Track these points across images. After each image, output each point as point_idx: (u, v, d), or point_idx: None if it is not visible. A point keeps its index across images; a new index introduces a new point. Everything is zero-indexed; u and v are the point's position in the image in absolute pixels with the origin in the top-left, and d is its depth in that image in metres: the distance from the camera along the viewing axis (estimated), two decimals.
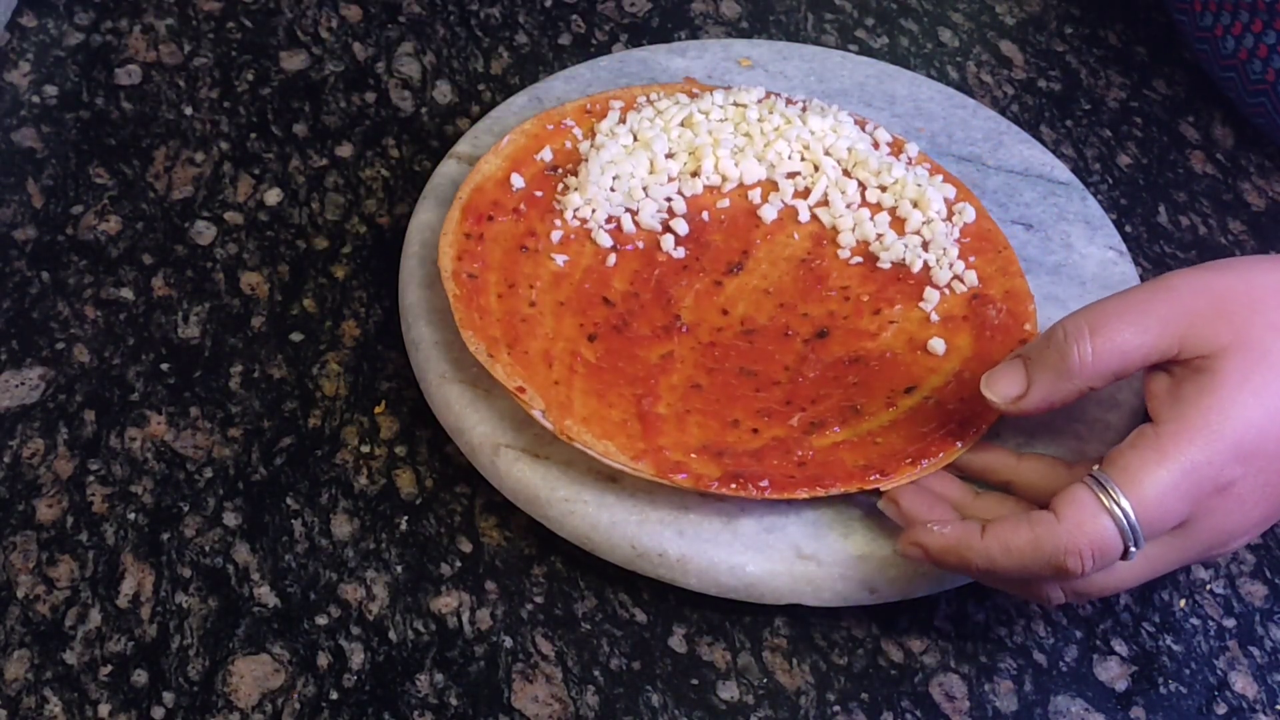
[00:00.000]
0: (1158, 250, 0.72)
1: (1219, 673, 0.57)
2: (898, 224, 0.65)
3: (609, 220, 0.65)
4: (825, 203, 0.66)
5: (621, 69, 0.73)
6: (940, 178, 0.67)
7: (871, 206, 0.66)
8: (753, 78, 0.73)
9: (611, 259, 0.64)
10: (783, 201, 0.66)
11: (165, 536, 0.58)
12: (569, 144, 0.67)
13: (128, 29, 0.77)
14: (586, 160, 0.66)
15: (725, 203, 0.66)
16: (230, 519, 0.58)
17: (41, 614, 0.55)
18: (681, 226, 0.65)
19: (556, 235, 0.64)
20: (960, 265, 0.63)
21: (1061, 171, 0.71)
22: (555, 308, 0.61)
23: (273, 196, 0.70)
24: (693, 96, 0.69)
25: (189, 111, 0.73)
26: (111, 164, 0.71)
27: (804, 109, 0.68)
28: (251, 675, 0.54)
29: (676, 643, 0.56)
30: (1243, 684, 0.57)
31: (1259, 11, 0.72)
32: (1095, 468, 0.51)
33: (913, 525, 0.54)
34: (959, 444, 0.57)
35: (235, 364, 0.63)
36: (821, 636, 0.57)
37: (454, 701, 0.54)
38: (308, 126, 0.73)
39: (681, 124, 0.67)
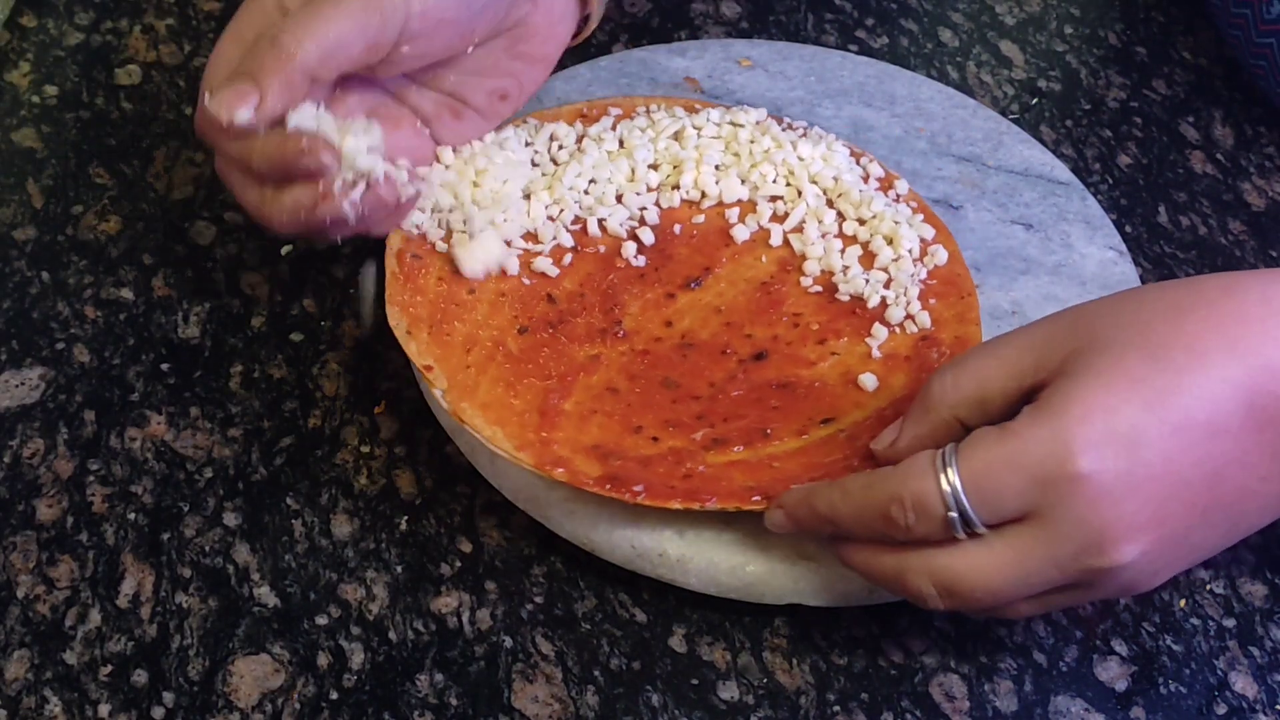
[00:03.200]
0: (1158, 250, 0.72)
1: (1219, 673, 0.57)
2: (868, 258, 0.64)
3: (575, 221, 0.65)
4: (800, 229, 0.65)
5: (621, 69, 0.73)
6: (921, 217, 0.66)
7: (846, 238, 0.65)
8: (753, 78, 0.73)
9: (567, 258, 0.63)
10: (758, 224, 0.65)
11: (165, 536, 0.58)
12: (559, 146, 0.67)
13: (128, 29, 0.77)
14: (567, 162, 0.66)
15: (700, 218, 0.66)
16: (230, 519, 0.58)
17: (41, 614, 0.55)
18: (648, 236, 0.64)
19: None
20: (917, 306, 0.62)
21: (1061, 171, 0.71)
22: (494, 298, 0.61)
23: None
24: (693, 111, 0.69)
25: (189, 111, 0.73)
26: (111, 164, 0.71)
27: (802, 134, 0.68)
28: (251, 675, 0.54)
29: (676, 643, 0.56)
30: (1243, 684, 0.57)
31: None
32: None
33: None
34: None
35: (235, 364, 0.63)
36: (821, 636, 0.57)
37: (454, 701, 0.54)
38: None
39: (672, 136, 0.67)
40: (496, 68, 0.64)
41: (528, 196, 0.65)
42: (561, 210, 0.65)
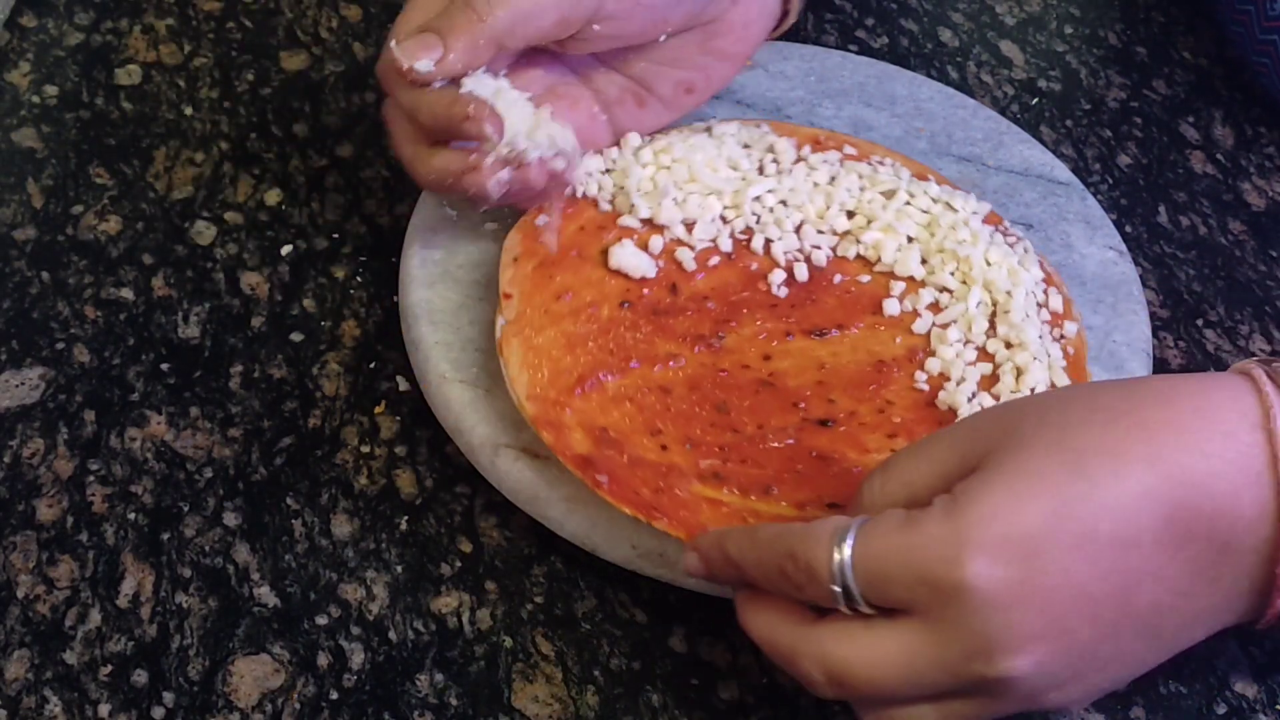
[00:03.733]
0: (1158, 250, 0.72)
1: (1219, 673, 0.57)
2: (990, 380, 0.60)
3: (744, 232, 0.64)
4: (946, 326, 0.62)
5: None
6: (1066, 365, 0.61)
7: (982, 352, 0.61)
8: (753, 77, 0.73)
9: (714, 260, 0.63)
10: (913, 305, 0.62)
11: (165, 536, 0.58)
12: (773, 159, 0.67)
13: (128, 29, 0.77)
14: (772, 176, 0.66)
15: (865, 278, 0.63)
16: (230, 519, 0.58)
17: (41, 614, 0.55)
18: (802, 272, 0.63)
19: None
20: None
21: (1061, 171, 0.71)
22: (611, 270, 0.62)
23: (273, 196, 0.70)
24: (921, 179, 0.66)
25: (189, 111, 0.73)
26: (111, 164, 0.71)
27: (1014, 243, 0.64)
28: (251, 675, 0.54)
29: (676, 643, 0.56)
30: (1243, 684, 0.57)
31: None
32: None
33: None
34: None
35: (235, 364, 0.63)
36: None
37: (454, 701, 0.54)
38: (308, 126, 0.73)
39: (882, 193, 0.65)
40: (687, 60, 0.64)
41: (710, 194, 0.65)
42: (737, 216, 0.64)
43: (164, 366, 0.63)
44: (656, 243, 0.63)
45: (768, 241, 0.64)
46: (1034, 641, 0.45)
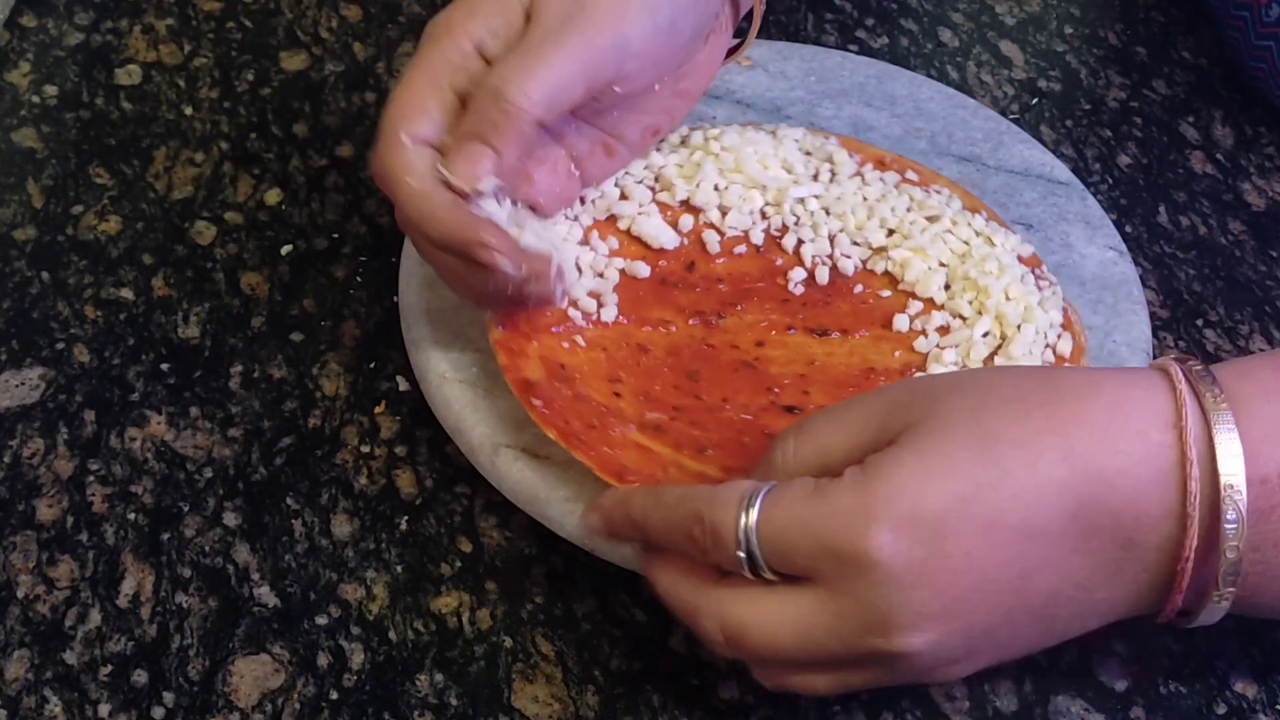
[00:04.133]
0: (1158, 250, 0.72)
1: (1219, 673, 0.57)
2: None
3: (780, 230, 0.64)
4: (943, 348, 0.61)
5: None
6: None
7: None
8: (753, 77, 0.73)
9: (740, 249, 0.64)
10: (924, 326, 0.62)
11: (165, 536, 0.58)
12: (830, 168, 0.67)
13: (128, 29, 0.77)
14: (821, 182, 0.66)
15: (886, 293, 0.63)
16: (230, 519, 0.58)
17: (41, 614, 0.55)
18: (824, 276, 0.63)
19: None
20: None
21: (1061, 171, 0.71)
22: (631, 238, 0.63)
23: (273, 196, 0.70)
24: (973, 210, 0.66)
25: (189, 111, 0.73)
26: (111, 164, 0.71)
27: (1035, 274, 0.63)
28: (251, 675, 0.54)
29: (676, 643, 0.56)
30: (1243, 684, 0.57)
31: None
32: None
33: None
34: None
35: (235, 364, 0.63)
36: None
37: (454, 701, 0.54)
38: (308, 126, 0.73)
39: (927, 218, 0.64)
40: (657, 104, 0.62)
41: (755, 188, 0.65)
42: (776, 214, 0.65)
43: (164, 366, 0.63)
44: (687, 221, 0.64)
45: (799, 241, 0.64)
46: (931, 621, 0.46)
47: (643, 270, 0.62)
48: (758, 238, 0.64)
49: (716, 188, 0.65)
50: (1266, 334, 0.69)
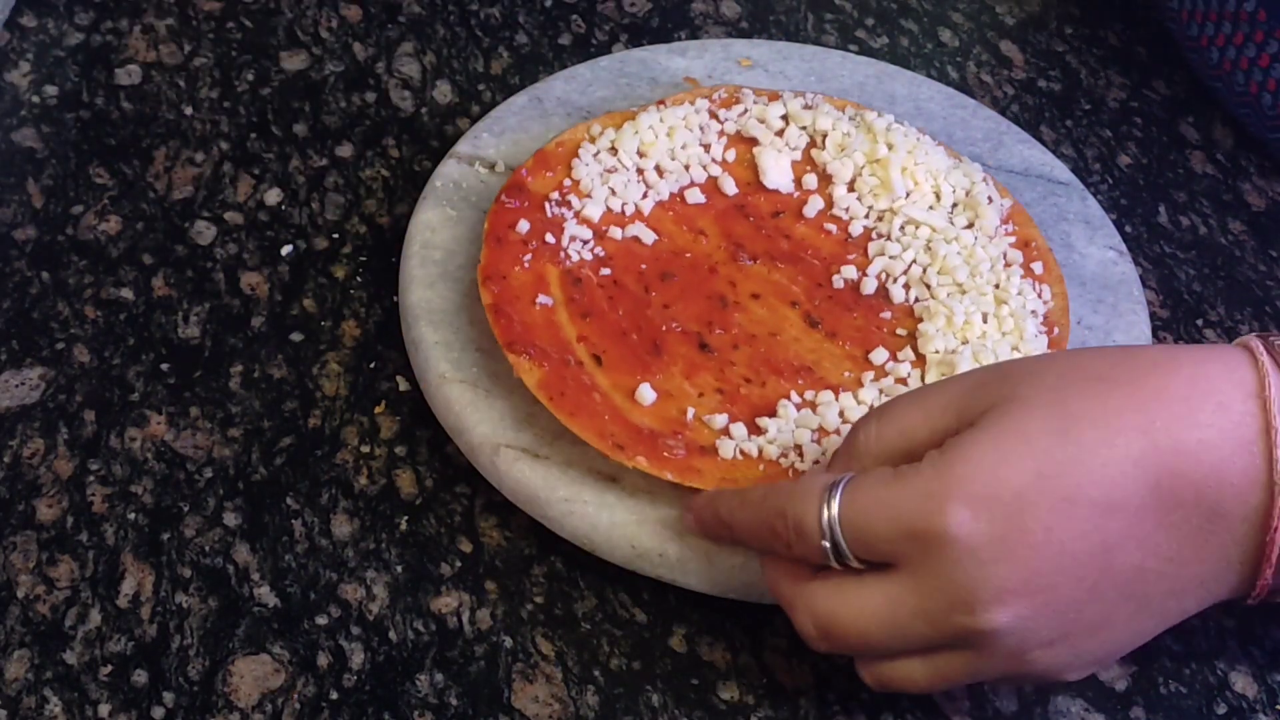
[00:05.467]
0: (1158, 250, 0.72)
1: (1219, 673, 0.57)
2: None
3: (876, 234, 0.65)
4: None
5: (622, 69, 0.73)
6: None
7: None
8: (753, 78, 0.73)
9: (831, 226, 0.65)
10: (893, 372, 0.60)
11: (165, 536, 0.58)
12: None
13: (128, 29, 0.77)
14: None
15: (902, 331, 0.62)
16: (230, 519, 0.58)
17: (41, 614, 0.55)
18: (870, 286, 0.63)
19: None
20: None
21: (1061, 171, 0.71)
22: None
23: (273, 196, 0.70)
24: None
25: (189, 111, 0.73)
26: (111, 164, 0.71)
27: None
28: (251, 675, 0.54)
29: (676, 643, 0.56)
30: (1243, 684, 0.57)
31: (1241, 24, 0.72)
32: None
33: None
34: None
35: (235, 364, 0.63)
36: None
37: (454, 701, 0.54)
38: (308, 126, 0.73)
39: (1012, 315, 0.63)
40: None
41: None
42: (888, 222, 0.65)
43: (164, 366, 0.63)
44: (811, 180, 0.67)
45: (883, 251, 0.64)
46: (1013, 595, 0.46)
47: (730, 188, 0.66)
48: (857, 230, 0.65)
49: (857, 169, 0.66)
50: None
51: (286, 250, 0.68)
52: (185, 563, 0.57)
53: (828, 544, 0.48)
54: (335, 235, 0.69)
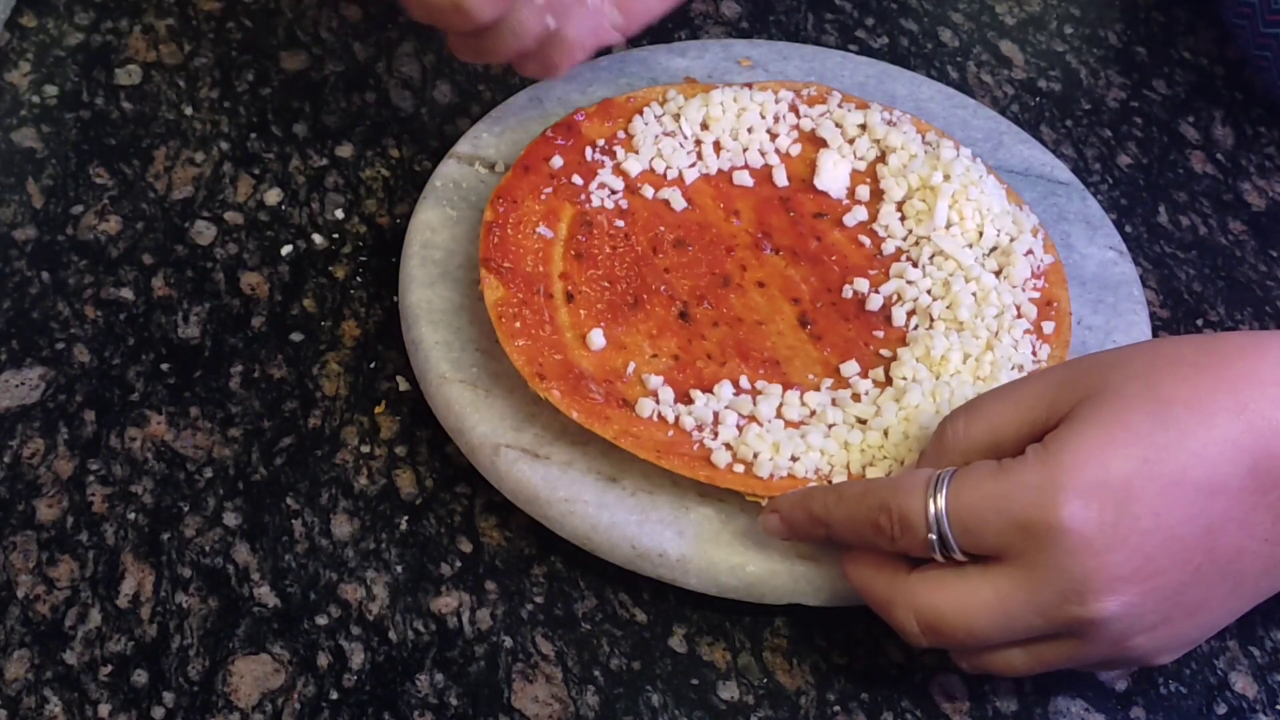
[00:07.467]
0: (1158, 250, 0.72)
1: (1219, 673, 0.57)
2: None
3: (905, 255, 0.65)
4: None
5: (622, 69, 0.73)
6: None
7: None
8: (753, 78, 0.73)
9: (865, 239, 0.66)
10: (855, 388, 0.59)
11: (165, 536, 0.58)
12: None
13: (128, 29, 0.77)
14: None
15: (886, 352, 0.61)
16: (230, 519, 0.58)
17: (41, 614, 0.55)
18: (876, 303, 0.63)
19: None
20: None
21: (1061, 171, 0.71)
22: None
23: (273, 196, 0.70)
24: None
25: (189, 111, 0.73)
26: (111, 164, 0.71)
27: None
28: (251, 675, 0.54)
29: (676, 643, 0.56)
30: (1243, 684, 0.57)
31: None
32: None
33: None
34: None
35: (235, 364, 0.63)
36: (821, 636, 0.57)
37: (454, 701, 0.54)
38: (308, 126, 0.73)
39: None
40: None
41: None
42: (922, 249, 0.65)
43: (164, 366, 0.63)
44: (863, 192, 0.67)
45: (908, 268, 0.64)
46: (1125, 583, 0.47)
47: (781, 179, 0.67)
48: (889, 248, 0.65)
49: (910, 191, 0.66)
50: None
51: (286, 250, 0.68)
52: (185, 563, 0.57)
53: (934, 536, 0.49)
54: (335, 235, 0.69)
